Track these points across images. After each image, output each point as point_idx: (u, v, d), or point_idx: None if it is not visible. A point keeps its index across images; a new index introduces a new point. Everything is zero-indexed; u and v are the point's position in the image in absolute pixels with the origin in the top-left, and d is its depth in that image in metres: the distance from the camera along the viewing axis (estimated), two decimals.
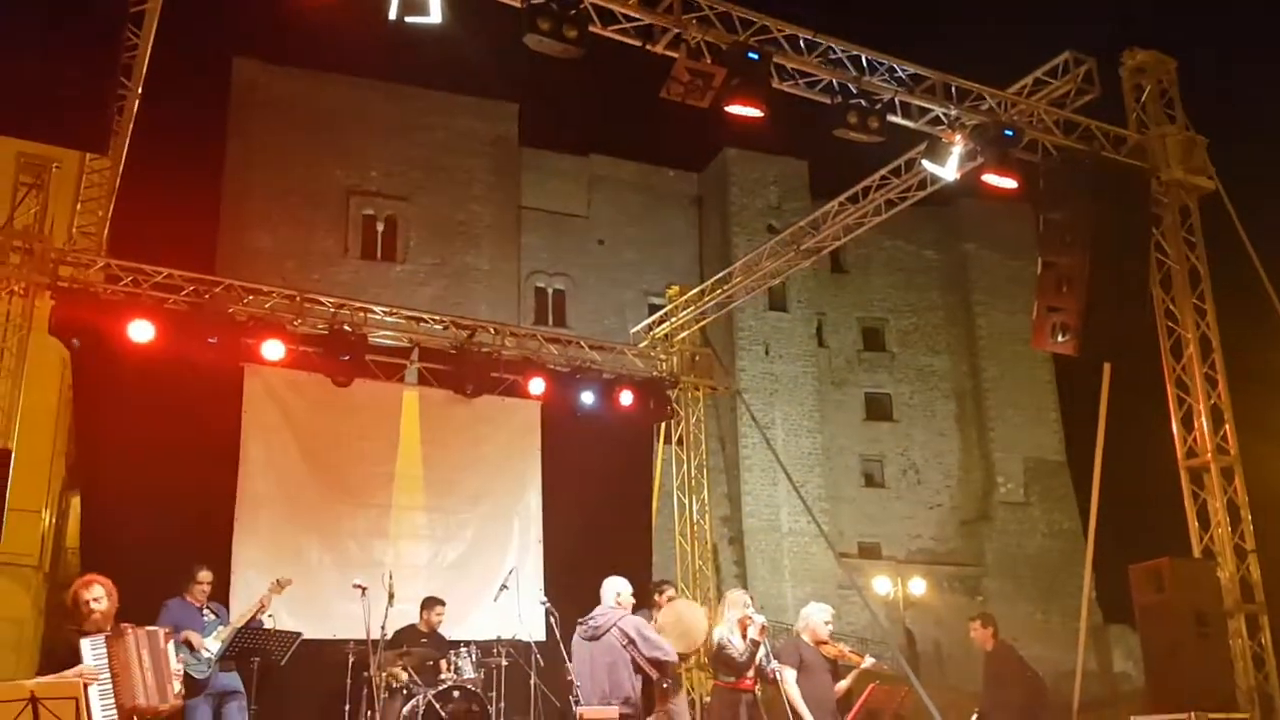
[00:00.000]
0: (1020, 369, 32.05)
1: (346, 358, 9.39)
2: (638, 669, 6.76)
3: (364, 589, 7.57)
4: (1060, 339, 7.88)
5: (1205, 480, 8.03)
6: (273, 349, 9.14)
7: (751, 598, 7.65)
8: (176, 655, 6.09)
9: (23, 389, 8.15)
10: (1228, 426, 8.05)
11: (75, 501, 8.97)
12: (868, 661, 8.00)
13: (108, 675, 5.59)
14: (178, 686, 5.95)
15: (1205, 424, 8.04)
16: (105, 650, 5.64)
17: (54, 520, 9.00)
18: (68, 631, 5.77)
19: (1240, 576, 7.69)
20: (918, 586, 29.08)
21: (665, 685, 7.04)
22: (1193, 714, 6.29)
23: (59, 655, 5.71)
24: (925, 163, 8.48)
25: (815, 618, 7.93)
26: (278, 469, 9.29)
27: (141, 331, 8.54)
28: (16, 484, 7.19)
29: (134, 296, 8.77)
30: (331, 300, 9.87)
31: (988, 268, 32.87)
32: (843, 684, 7.88)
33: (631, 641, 6.77)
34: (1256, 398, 8.95)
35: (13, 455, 7.27)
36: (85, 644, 5.63)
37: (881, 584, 28.51)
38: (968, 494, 32.03)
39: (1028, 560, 30.59)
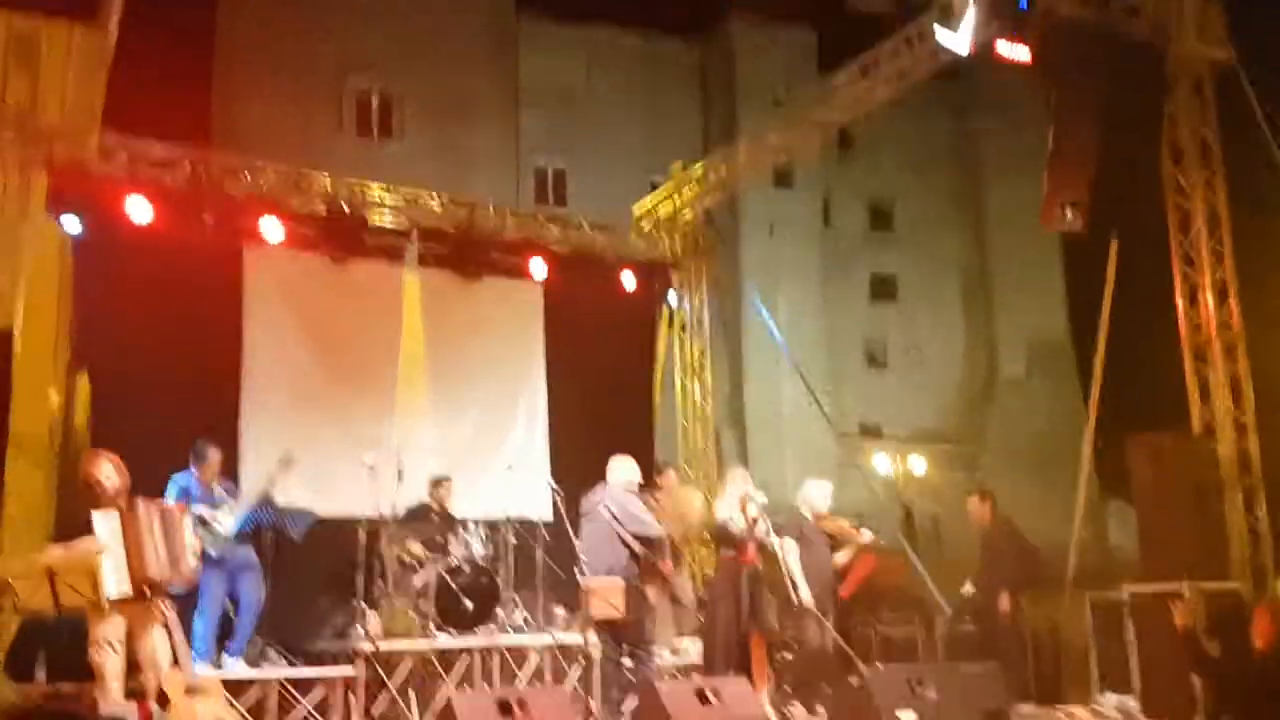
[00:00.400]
0: (1027, 248, 31.71)
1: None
2: (624, 543, 6.98)
3: (373, 467, 7.67)
4: (1069, 217, 7.81)
5: (1208, 355, 8.06)
6: (271, 228, 9.10)
7: (750, 476, 7.79)
8: (193, 531, 6.21)
9: (23, 269, 8.13)
10: (1232, 302, 8.04)
11: (83, 382, 9.01)
12: (865, 536, 8.22)
13: (120, 548, 5.72)
14: (193, 561, 6.11)
15: (1210, 299, 8.03)
16: (118, 524, 5.77)
17: (62, 401, 9.05)
18: (81, 508, 5.89)
19: (1239, 451, 7.78)
20: (918, 465, 29.49)
21: (653, 559, 7.25)
22: (1186, 583, 6.42)
23: (74, 530, 5.84)
24: (937, 29, 8.23)
25: (814, 494, 8.13)
26: (281, 349, 9.34)
27: (139, 209, 8.49)
28: (22, 365, 7.22)
29: (130, 174, 8.72)
30: (329, 177, 9.76)
31: (1000, 144, 32.12)
32: (840, 556, 8.12)
33: (616, 518, 6.98)
34: (1263, 274, 8.91)
35: (16, 336, 7.27)
36: (98, 517, 5.76)
37: (882, 463, 28.92)
38: (971, 374, 32.18)
39: (1028, 438, 30.87)
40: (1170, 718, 6.51)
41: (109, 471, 6.00)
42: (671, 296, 11.77)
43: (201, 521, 7.07)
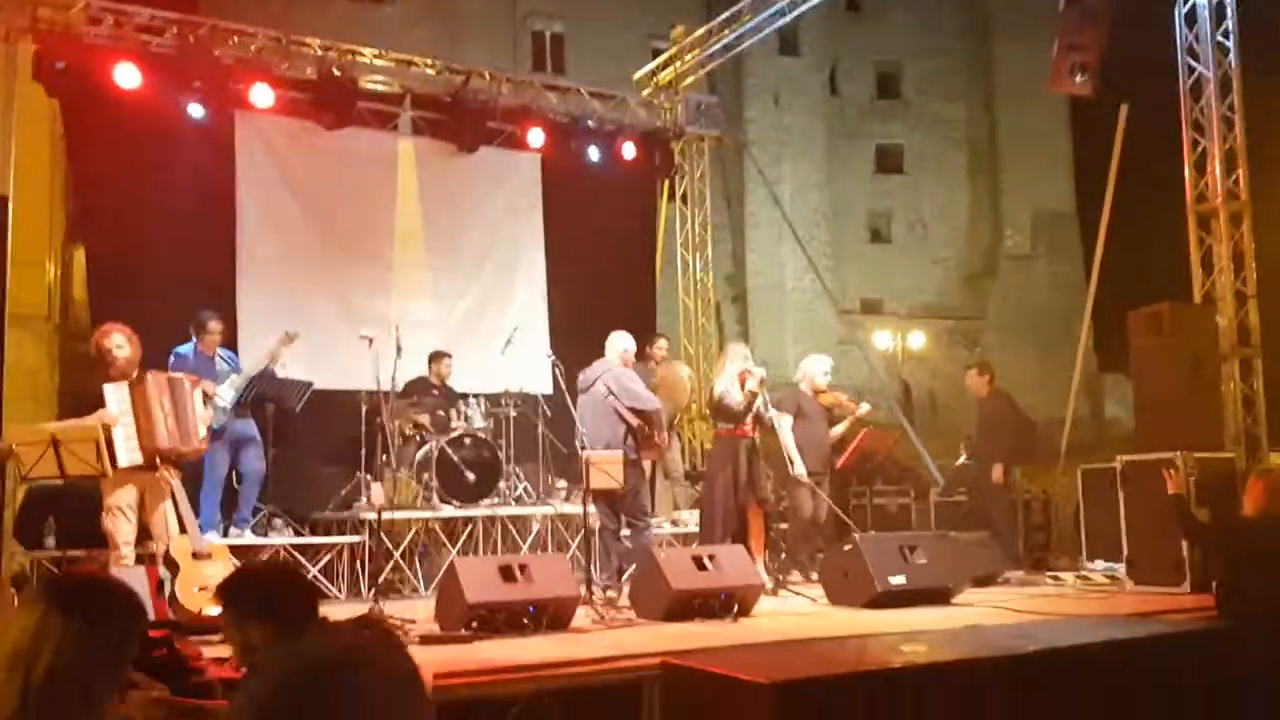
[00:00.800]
0: (1036, 117, 31.08)
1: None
2: (621, 417, 7.04)
3: (371, 340, 7.67)
4: (1078, 79, 7.60)
5: (1213, 226, 7.95)
6: (261, 94, 8.89)
7: (750, 350, 7.81)
8: (204, 403, 6.25)
9: (14, 138, 8.00)
10: (1241, 170, 7.89)
11: (79, 254, 8.96)
12: (862, 409, 8.32)
13: (130, 419, 5.79)
14: (203, 432, 6.16)
15: (1218, 167, 7.88)
16: (128, 395, 5.82)
17: (58, 273, 9.01)
18: (94, 380, 5.93)
19: (1239, 321, 7.75)
20: (917, 340, 29.56)
21: (648, 432, 7.32)
22: (1180, 453, 6.47)
23: (86, 401, 5.91)
24: None
25: (814, 369, 8.18)
26: (275, 220, 9.23)
27: (127, 75, 8.28)
28: (17, 236, 7.15)
29: (117, 39, 8.49)
30: (319, 42, 9.49)
31: (1011, 4, 31.18)
32: (838, 429, 8.21)
33: (612, 392, 7.03)
34: (1273, 142, 8.73)
35: (10, 203, 7.19)
36: (109, 389, 5.82)
37: (882, 339, 28.97)
38: (974, 248, 31.95)
39: (1029, 313, 30.85)
40: (1157, 583, 6.65)
41: (120, 342, 6.03)
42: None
43: (204, 396, 7.11)
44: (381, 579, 6.91)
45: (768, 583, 6.80)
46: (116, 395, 5.85)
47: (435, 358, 9.00)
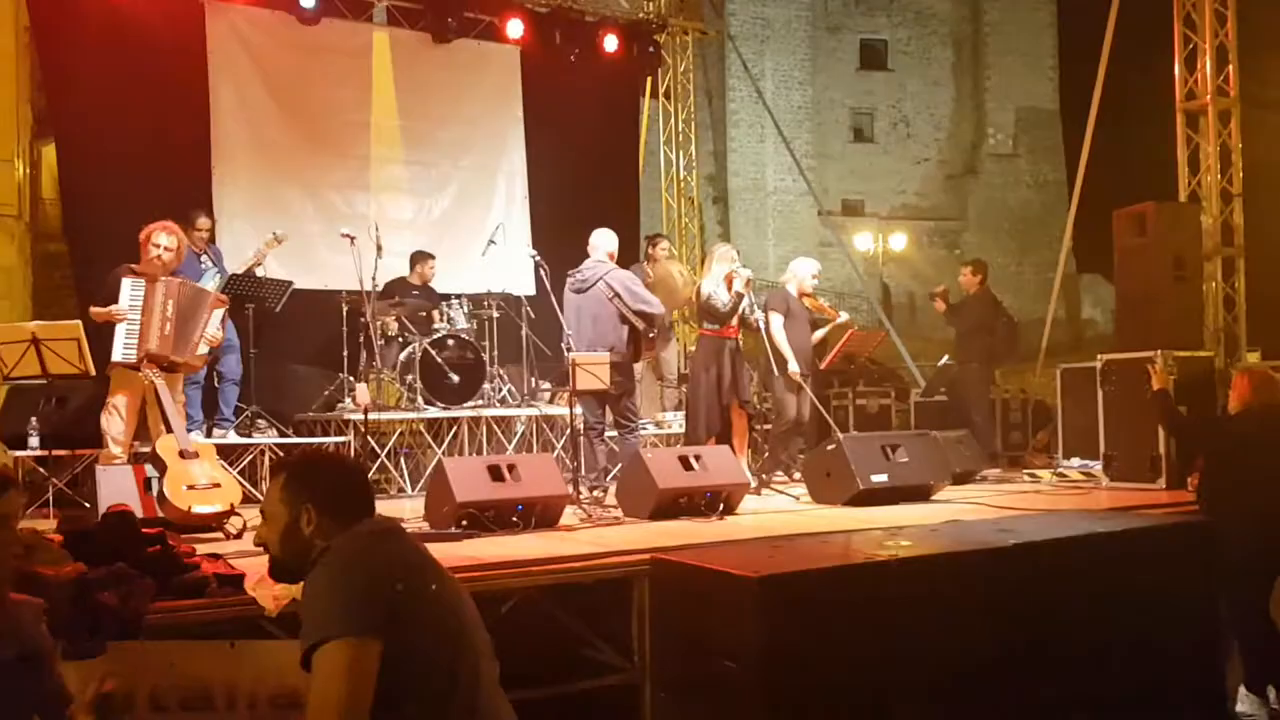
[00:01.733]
0: (1023, 12, 30.62)
1: None
2: (624, 320, 6.98)
3: (353, 238, 7.57)
4: None
5: (1201, 124, 7.89)
6: None
7: (737, 251, 7.77)
8: (219, 322, 6.15)
9: None
10: (1231, 67, 7.80)
11: (48, 152, 8.76)
12: (842, 317, 8.39)
13: (137, 317, 5.72)
14: (204, 348, 6.07)
15: (1209, 64, 7.78)
16: (142, 293, 5.74)
17: (28, 171, 8.79)
18: (124, 268, 5.85)
19: (1223, 221, 7.75)
20: (898, 242, 29.50)
21: (651, 335, 7.30)
22: (1158, 352, 6.53)
23: (108, 287, 5.82)
24: None
25: (803, 271, 8.18)
26: (250, 115, 9.01)
27: None
28: None
29: None
30: None
31: None
32: (819, 333, 8.24)
33: (618, 295, 6.95)
34: (1265, 39, 8.61)
35: None
36: (126, 283, 5.74)
37: (863, 240, 28.90)
38: (956, 147, 31.68)
39: (1010, 213, 30.81)
40: (1133, 480, 6.78)
41: (168, 244, 5.91)
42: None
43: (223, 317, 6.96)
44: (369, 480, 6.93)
45: (751, 481, 6.87)
46: (132, 290, 5.76)
47: (418, 258, 8.91)
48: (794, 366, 7.57)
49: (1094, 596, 4.18)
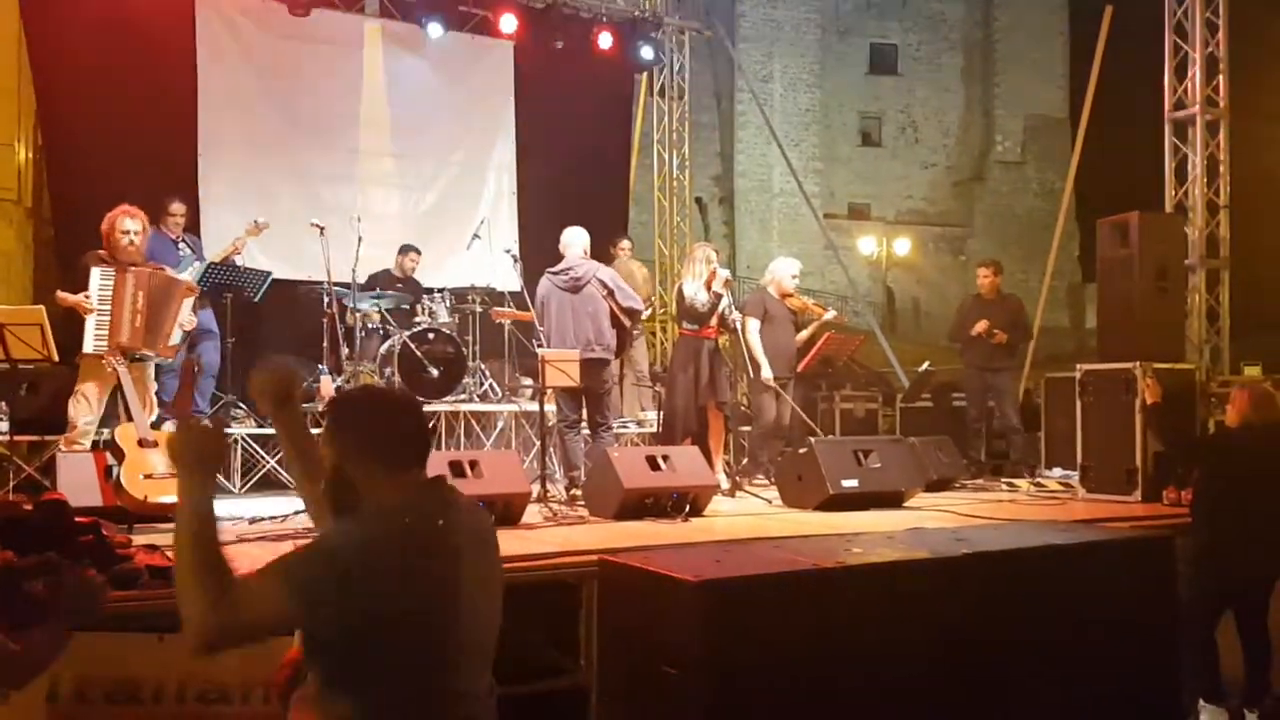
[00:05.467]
0: (1035, 19, 30.47)
1: None
2: (613, 318, 6.95)
3: (322, 228, 7.54)
4: None
5: (1189, 134, 7.81)
6: None
7: (716, 251, 7.71)
8: (191, 310, 6.11)
9: None
10: (1221, 77, 7.71)
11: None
12: (829, 314, 8.29)
13: (107, 308, 5.70)
14: (177, 337, 6.03)
15: (1199, 73, 7.70)
16: (112, 283, 5.72)
17: (29, 155, 8.77)
18: (92, 256, 5.83)
19: (1208, 232, 7.67)
20: (902, 247, 29.41)
21: (636, 333, 7.27)
22: (1138, 364, 6.45)
23: (77, 272, 5.81)
24: None
25: (782, 271, 8.09)
26: (238, 102, 9.00)
27: None
28: None
29: None
30: None
31: None
32: (803, 334, 8.17)
33: (610, 292, 6.91)
34: (1257, 50, 8.53)
35: None
36: (95, 272, 5.73)
37: (867, 244, 28.81)
38: (964, 153, 31.58)
39: (1016, 220, 30.69)
40: (1109, 492, 6.70)
41: (132, 228, 5.90)
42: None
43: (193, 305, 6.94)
44: None
45: (724, 484, 6.81)
46: (101, 280, 5.74)
47: (403, 251, 8.89)
48: (767, 373, 7.50)
49: (1048, 609, 4.10)
